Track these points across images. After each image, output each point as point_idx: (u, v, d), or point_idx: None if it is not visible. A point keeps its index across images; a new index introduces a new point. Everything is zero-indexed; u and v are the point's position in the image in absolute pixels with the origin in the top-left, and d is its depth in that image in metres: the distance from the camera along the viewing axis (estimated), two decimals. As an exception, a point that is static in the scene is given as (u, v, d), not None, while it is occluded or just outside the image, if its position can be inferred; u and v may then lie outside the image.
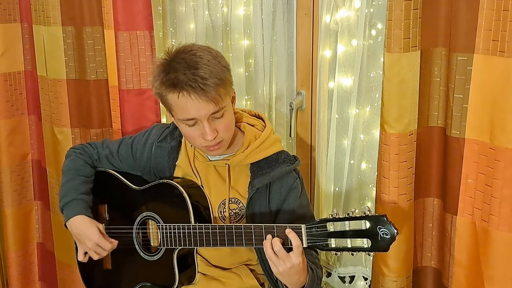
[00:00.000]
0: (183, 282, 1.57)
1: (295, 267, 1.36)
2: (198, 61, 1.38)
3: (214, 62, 1.40)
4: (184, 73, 1.37)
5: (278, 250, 1.35)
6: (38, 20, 2.12)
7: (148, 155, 1.66)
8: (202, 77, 1.36)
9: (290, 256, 1.35)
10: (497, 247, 1.47)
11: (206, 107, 1.39)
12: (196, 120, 1.43)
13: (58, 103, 2.15)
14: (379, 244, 1.30)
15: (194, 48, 1.43)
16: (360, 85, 1.88)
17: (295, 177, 1.57)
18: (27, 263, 2.49)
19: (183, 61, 1.39)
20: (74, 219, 1.59)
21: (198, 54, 1.40)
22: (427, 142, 1.60)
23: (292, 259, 1.35)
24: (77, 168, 1.69)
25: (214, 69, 1.39)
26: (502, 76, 1.39)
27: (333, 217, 1.35)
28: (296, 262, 1.35)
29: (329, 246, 1.34)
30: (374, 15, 1.82)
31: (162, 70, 1.42)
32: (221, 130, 1.45)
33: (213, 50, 1.45)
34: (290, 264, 1.35)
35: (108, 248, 1.58)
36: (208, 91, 1.37)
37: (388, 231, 1.30)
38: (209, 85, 1.36)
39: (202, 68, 1.37)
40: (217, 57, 1.43)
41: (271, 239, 1.37)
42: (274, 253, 1.36)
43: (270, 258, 1.37)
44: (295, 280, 1.40)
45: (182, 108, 1.41)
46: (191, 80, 1.36)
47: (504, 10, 1.36)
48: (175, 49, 1.44)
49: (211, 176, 1.58)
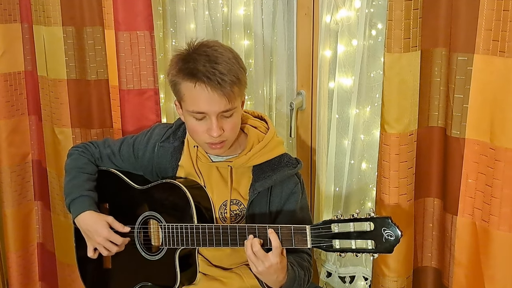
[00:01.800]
0: (183, 282, 1.57)
1: (273, 267, 1.38)
2: (219, 56, 1.41)
3: (234, 61, 1.43)
4: (204, 65, 1.39)
5: (257, 251, 1.38)
6: (39, 20, 2.12)
7: (150, 155, 1.66)
8: (220, 72, 1.39)
9: (269, 256, 1.37)
10: (497, 247, 1.47)
11: (218, 102, 1.41)
12: (205, 114, 1.44)
13: (59, 103, 2.15)
14: (383, 245, 1.31)
15: (217, 45, 1.46)
16: (360, 85, 1.88)
17: (296, 181, 1.57)
18: (27, 263, 2.49)
19: (204, 54, 1.41)
20: (82, 215, 1.59)
21: (220, 50, 1.43)
22: (427, 142, 1.60)
23: (271, 259, 1.37)
24: (80, 166, 1.69)
25: (233, 67, 1.41)
26: (502, 76, 1.39)
27: (337, 219, 1.35)
28: (274, 262, 1.37)
29: (333, 247, 1.35)
30: (374, 15, 1.82)
31: (182, 59, 1.44)
32: (227, 129, 1.46)
33: (234, 51, 1.48)
34: (269, 263, 1.37)
35: (119, 242, 1.58)
36: (224, 87, 1.39)
37: (392, 233, 1.30)
38: (226, 81, 1.39)
39: (222, 64, 1.40)
40: (237, 58, 1.46)
41: (252, 239, 1.39)
42: (253, 253, 1.38)
43: (249, 258, 1.39)
44: (274, 278, 1.42)
45: (195, 99, 1.42)
46: (209, 73, 1.38)
47: (504, 10, 1.36)
48: (198, 42, 1.46)
49: (214, 177, 1.58)
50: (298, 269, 1.49)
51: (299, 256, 1.55)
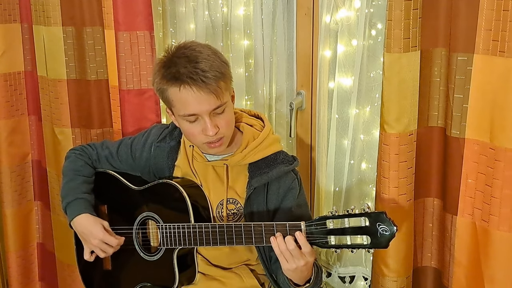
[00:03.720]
0: (183, 282, 1.57)
1: (308, 264, 1.38)
2: (198, 55, 1.41)
3: (213, 57, 1.43)
4: (185, 67, 1.39)
5: (293, 249, 1.36)
6: (38, 20, 2.12)
7: (148, 155, 1.66)
8: (202, 70, 1.39)
9: (305, 254, 1.37)
10: (497, 247, 1.47)
11: (207, 100, 1.40)
12: (197, 116, 1.44)
13: (59, 103, 2.15)
14: (378, 241, 1.31)
15: (194, 44, 1.46)
16: (360, 85, 1.88)
17: (293, 177, 1.57)
18: (27, 263, 2.49)
19: (183, 56, 1.42)
20: (78, 218, 1.60)
21: (198, 49, 1.43)
22: (427, 142, 1.60)
23: (307, 256, 1.37)
24: (77, 168, 1.69)
25: (214, 63, 1.41)
26: (502, 76, 1.39)
27: (332, 215, 1.35)
28: (311, 260, 1.38)
29: (328, 243, 1.35)
30: (374, 15, 1.82)
31: (163, 66, 1.44)
32: (222, 126, 1.46)
33: (212, 47, 1.48)
34: (305, 261, 1.37)
35: (114, 243, 1.58)
36: (209, 83, 1.39)
37: (387, 228, 1.30)
38: (209, 78, 1.39)
39: (202, 62, 1.40)
40: (216, 53, 1.46)
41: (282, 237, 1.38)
42: (288, 250, 1.37)
43: (284, 255, 1.38)
44: (305, 275, 1.42)
45: (184, 102, 1.42)
46: (192, 73, 1.38)
47: (504, 10, 1.36)
48: (175, 46, 1.47)
49: (210, 177, 1.59)
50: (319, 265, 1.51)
51: None
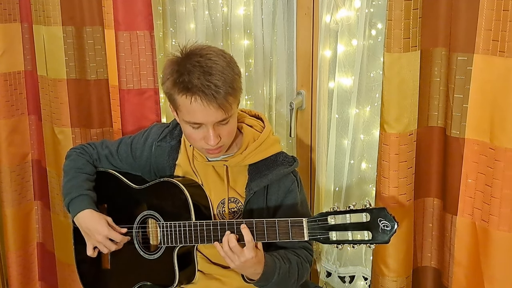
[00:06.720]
0: (182, 281, 1.57)
1: (249, 261, 1.40)
2: (213, 67, 1.39)
3: (228, 70, 1.41)
4: (198, 78, 1.38)
5: (233, 246, 1.40)
6: (38, 20, 2.12)
7: (148, 154, 1.66)
8: (215, 85, 1.38)
9: (244, 251, 1.39)
10: (497, 247, 1.47)
11: (214, 114, 1.41)
12: (202, 124, 1.44)
13: (59, 103, 2.15)
14: (380, 236, 1.32)
15: (210, 52, 1.43)
16: (360, 85, 1.88)
17: (293, 179, 1.57)
18: (27, 263, 2.49)
19: (198, 65, 1.39)
20: (82, 214, 1.60)
21: (214, 59, 1.41)
22: (427, 142, 1.60)
23: (246, 254, 1.39)
24: (78, 166, 1.69)
25: (227, 77, 1.40)
26: (502, 76, 1.39)
27: (333, 211, 1.36)
28: (249, 256, 1.39)
29: (330, 239, 1.36)
30: (374, 15, 1.82)
31: (176, 70, 1.42)
32: (224, 136, 1.47)
33: (227, 55, 1.46)
34: (244, 258, 1.39)
35: (119, 239, 1.58)
36: (219, 99, 1.38)
37: (388, 223, 1.31)
38: (221, 93, 1.38)
39: (216, 75, 1.38)
40: (230, 63, 1.44)
41: (228, 234, 1.41)
42: (229, 249, 1.40)
43: (226, 253, 1.41)
44: (252, 271, 1.44)
45: (191, 112, 1.42)
46: (204, 87, 1.37)
47: (504, 10, 1.36)
48: (190, 49, 1.44)
49: (210, 176, 1.59)
50: (282, 262, 1.49)
51: (293, 251, 1.55)
